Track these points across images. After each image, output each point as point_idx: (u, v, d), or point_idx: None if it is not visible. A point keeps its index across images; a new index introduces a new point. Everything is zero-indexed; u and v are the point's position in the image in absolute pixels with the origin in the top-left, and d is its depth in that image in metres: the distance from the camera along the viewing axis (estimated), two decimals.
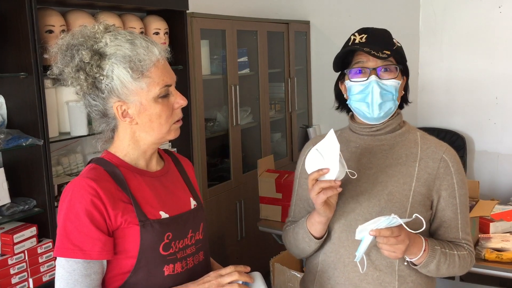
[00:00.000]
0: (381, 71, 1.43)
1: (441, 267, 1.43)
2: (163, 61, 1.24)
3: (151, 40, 1.24)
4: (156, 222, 1.22)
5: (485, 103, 3.90)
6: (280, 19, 4.02)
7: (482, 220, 2.46)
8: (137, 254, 1.20)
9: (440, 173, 1.47)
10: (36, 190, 2.09)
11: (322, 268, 1.52)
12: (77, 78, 1.19)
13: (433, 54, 4.06)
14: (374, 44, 1.43)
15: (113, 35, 1.21)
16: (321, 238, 1.48)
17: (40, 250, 2.07)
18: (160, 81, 1.22)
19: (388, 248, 1.32)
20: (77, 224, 1.16)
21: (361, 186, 1.47)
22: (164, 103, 1.24)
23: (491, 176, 3.93)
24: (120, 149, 1.28)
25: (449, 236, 1.49)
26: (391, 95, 1.44)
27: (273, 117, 3.99)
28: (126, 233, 1.20)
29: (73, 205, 1.17)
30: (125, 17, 2.53)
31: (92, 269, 1.18)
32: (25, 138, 2.01)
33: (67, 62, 1.21)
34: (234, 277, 1.23)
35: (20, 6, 1.97)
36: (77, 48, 1.19)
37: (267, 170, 3.05)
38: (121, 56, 1.19)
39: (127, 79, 1.19)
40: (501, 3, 3.75)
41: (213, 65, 3.38)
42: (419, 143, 1.52)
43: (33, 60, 1.99)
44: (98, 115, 1.26)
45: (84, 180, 1.19)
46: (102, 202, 1.18)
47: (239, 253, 3.50)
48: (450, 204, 1.48)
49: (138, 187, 1.25)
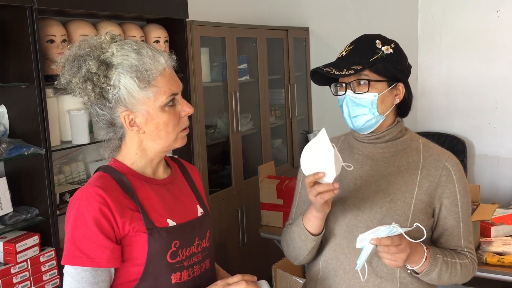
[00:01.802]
0: (355, 85, 1.45)
1: (442, 275, 1.42)
2: (170, 70, 1.25)
3: (157, 49, 1.25)
4: (164, 230, 1.22)
5: (484, 107, 3.91)
6: (279, 25, 4.04)
7: (483, 224, 2.46)
8: (145, 262, 1.21)
9: (442, 181, 1.47)
10: (38, 199, 2.10)
11: (323, 275, 1.52)
12: (85, 88, 1.20)
13: (432, 59, 4.07)
14: (351, 58, 1.46)
15: (119, 45, 1.22)
16: (317, 235, 1.46)
17: (43, 259, 2.07)
18: (166, 89, 1.23)
19: (389, 257, 1.32)
20: (86, 232, 1.17)
21: (363, 193, 1.47)
22: (171, 111, 1.24)
23: (491, 180, 3.93)
24: (128, 158, 1.29)
25: (451, 244, 1.49)
26: (367, 108, 1.45)
27: (273, 124, 3.99)
28: (134, 241, 1.20)
29: (81, 213, 1.18)
30: (126, 26, 2.54)
31: (100, 277, 1.18)
32: (27, 147, 2.01)
33: (74, 73, 1.21)
34: (241, 286, 1.23)
35: (21, 16, 1.99)
36: (84, 58, 1.20)
37: (268, 176, 3.05)
38: (127, 65, 1.20)
39: (134, 88, 1.20)
40: (499, 8, 3.77)
41: (213, 72, 3.40)
42: (421, 151, 1.52)
43: (35, 69, 2.01)
44: (106, 124, 1.26)
45: (92, 188, 1.20)
46: (110, 210, 1.18)
47: (241, 260, 3.49)
48: (452, 212, 1.48)
49: (146, 195, 1.25)
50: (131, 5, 2.46)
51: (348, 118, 1.48)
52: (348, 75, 1.41)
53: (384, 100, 1.46)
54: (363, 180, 1.49)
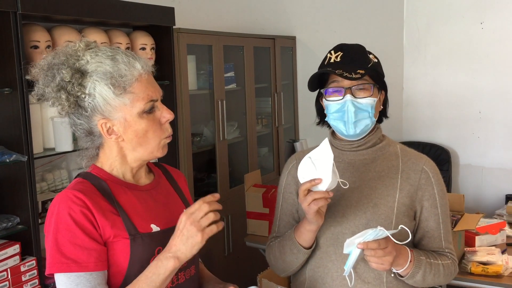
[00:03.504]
0: (356, 90, 1.46)
1: (426, 277, 1.44)
2: (147, 76, 1.23)
3: (133, 55, 1.22)
4: (147, 236, 1.20)
5: (468, 117, 3.95)
6: (266, 34, 4.05)
7: (467, 233, 2.47)
8: (126, 270, 1.18)
9: (422, 183, 1.50)
10: (20, 207, 2.06)
11: (309, 284, 1.52)
12: (58, 98, 1.18)
13: (417, 69, 4.11)
14: (349, 63, 1.47)
15: (93, 52, 1.20)
16: (309, 248, 1.48)
17: (24, 268, 2.03)
18: (144, 96, 1.21)
19: (376, 261, 1.33)
20: (69, 236, 1.13)
21: (346, 200, 1.49)
22: (150, 118, 1.22)
23: (475, 189, 3.97)
24: (107, 164, 1.27)
25: (432, 246, 1.52)
26: (367, 113, 1.47)
27: (260, 132, 3.99)
28: (115, 247, 1.18)
29: (62, 218, 1.14)
30: (111, 33, 2.53)
31: (95, 280, 1.14)
32: (9, 155, 1.98)
33: (48, 82, 1.19)
34: (204, 209, 1.16)
35: (5, 21, 1.96)
36: (58, 67, 1.18)
37: (254, 185, 3.04)
38: (102, 72, 1.18)
39: (110, 95, 1.18)
40: (483, 19, 3.82)
41: (200, 80, 3.39)
42: (400, 156, 1.55)
43: (18, 75, 1.98)
44: (84, 133, 1.24)
45: (71, 192, 1.17)
46: (91, 212, 1.15)
47: (226, 269, 3.47)
48: (432, 214, 1.51)
49: (127, 201, 1.23)
50: (117, 12, 2.44)
51: (348, 123, 1.47)
52: (356, 78, 1.43)
53: (377, 106, 1.51)
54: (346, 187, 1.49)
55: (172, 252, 1.15)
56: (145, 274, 1.15)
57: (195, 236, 1.15)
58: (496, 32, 3.78)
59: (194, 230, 1.15)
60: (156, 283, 1.14)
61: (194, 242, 1.15)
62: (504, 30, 3.75)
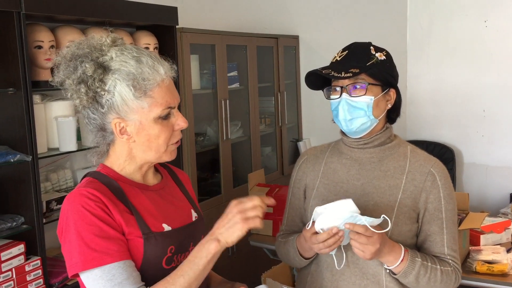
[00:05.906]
0: (351, 89, 1.47)
1: (420, 279, 1.44)
2: (168, 81, 1.21)
3: (158, 59, 1.21)
4: (160, 235, 1.20)
5: (472, 116, 3.94)
6: (269, 33, 4.04)
7: (472, 232, 2.46)
8: (139, 269, 1.17)
9: (427, 186, 1.49)
10: (24, 206, 2.07)
11: (311, 278, 1.56)
12: (78, 91, 1.17)
13: (421, 67, 4.10)
14: (347, 62, 1.47)
15: (119, 50, 1.19)
16: (311, 258, 1.53)
17: (28, 268, 2.03)
18: (163, 102, 1.20)
19: (358, 246, 1.35)
20: (93, 230, 1.12)
21: (348, 196, 1.49)
22: (164, 124, 1.22)
23: (480, 188, 3.95)
24: (117, 164, 1.26)
25: (434, 250, 1.50)
26: (363, 111, 1.47)
27: (263, 131, 3.99)
28: (130, 245, 1.17)
29: (81, 214, 1.13)
30: (115, 32, 2.52)
31: (129, 267, 1.14)
32: (13, 154, 1.98)
33: (69, 73, 1.18)
34: (255, 202, 1.17)
35: (9, 21, 1.97)
36: (81, 59, 1.17)
37: (258, 184, 3.04)
38: (125, 72, 1.16)
39: (129, 96, 1.17)
40: (486, 17, 3.81)
41: (203, 79, 3.39)
42: (409, 157, 1.54)
43: (22, 75, 1.98)
44: (96, 128, 1.23)
45: (85, 189, 1.16)
46: (108, 208, 1.15)
47: (230, 269, 3.46)
48: (435, 217, 1.49)
49: (139, 200, 1.23)
50: (120, 12, 2.44)
51: (343, 121, 1.49)
52: (347, 77, 1.44)
53: (378, 104, 1.49)
54: (350, 184, 1.52)
55: (214, 234, 1.18)
56: (188, 259, 1.16)
57: (238, 223, 1.17)
58: (500, 30, 3.77)
59: (239, 217, 1.17)
60: (199, 265, 1.15)
61: (235, 229, 1.17)
62: (508, 28, 3.74)
